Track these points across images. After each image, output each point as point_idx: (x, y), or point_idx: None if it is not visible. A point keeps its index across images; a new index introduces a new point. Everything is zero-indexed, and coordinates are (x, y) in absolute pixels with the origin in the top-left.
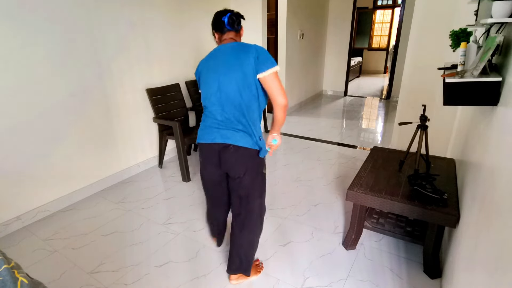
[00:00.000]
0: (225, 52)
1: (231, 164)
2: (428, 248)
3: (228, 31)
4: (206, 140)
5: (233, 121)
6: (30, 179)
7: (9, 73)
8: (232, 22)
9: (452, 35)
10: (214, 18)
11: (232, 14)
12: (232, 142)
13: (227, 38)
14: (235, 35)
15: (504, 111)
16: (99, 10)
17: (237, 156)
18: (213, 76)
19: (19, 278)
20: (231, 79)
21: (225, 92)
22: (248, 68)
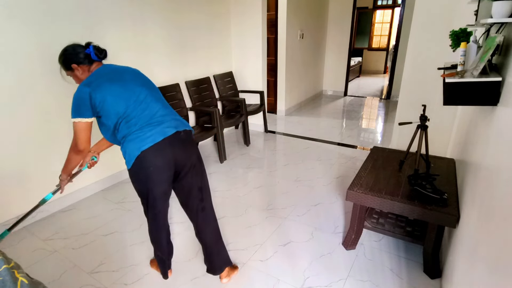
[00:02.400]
0: (115, 68)
1: (187, 153)
2: (428, 248)
3: (95, 61)
4: (150, 142)
5: (168, 110)
6: (30, 179)
7: (8, 73)
8: (99, 52)
9: (452, 35)
10: (70, 52)
11: (95, 45)
12: (181, 128)
13: (97, 65)
14: (100, 63)
15: (504, 111)
16: (99, 10)
17: (189, 141)
18: (124, 82)
19: (19, 278)
20: (143, 82)
21: (148, 87)
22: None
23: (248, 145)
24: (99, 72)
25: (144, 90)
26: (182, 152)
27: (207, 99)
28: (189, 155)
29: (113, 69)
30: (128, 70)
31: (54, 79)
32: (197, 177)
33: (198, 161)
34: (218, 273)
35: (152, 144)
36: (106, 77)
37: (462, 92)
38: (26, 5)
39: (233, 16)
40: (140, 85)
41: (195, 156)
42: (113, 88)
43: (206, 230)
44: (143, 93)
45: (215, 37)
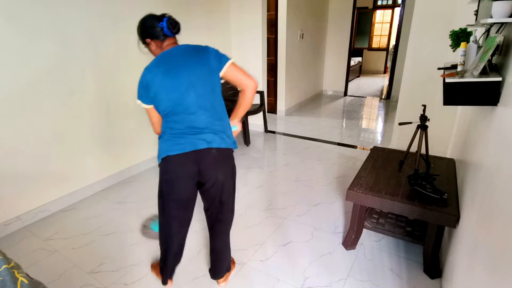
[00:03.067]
0: (181, 53)
1: (213, 170)
2: (428, 248)
3: (167, 37)
4: (178, 150)
5: (210, 122)
6: (30, 179)
7: (8, 73)
8: (172, 26)
9: (452, 35)
10: (144, 25)
11: (169, 18)
12: (215, 145)
13: (170, 43)
14: (175, 40)
15: (504, 111)
16: (99, 9)
17: (220, 159)
18: (176, 78)
19: (19, 278)
20: (202, 79)
21: (198, 92)
22: (210, 66)
23: (248, 145)
24: (165, 56)
25: (194, 93)
26: (209, 168)
27: None
28: (215, 172)
29: (176, 55)
30: (189, 59)
31: (57, 80)
32: (222, 192)
33: (227, 178)
34: (218, 278)
35: (179, 152)
36: (165, 66)
37: (462, 92)
38: (25, 5)
39: (233, 16)
40: (194, 84)
41: (225, 173)
42: (165, 84)
43: (217, 239)
44: (192, 98)
45: (215, 37)
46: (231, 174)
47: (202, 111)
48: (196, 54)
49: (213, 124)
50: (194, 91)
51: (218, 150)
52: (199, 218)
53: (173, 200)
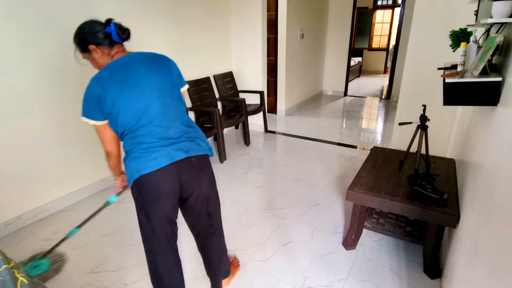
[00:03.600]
0: (138, 61)
1: (197, 181)
2: (428, 248)
3: (116, 43)
4: (154, 166)
5: (183, 130)
6: (30, 179)
7: (8, 73)
8: (122, 32)
9: (452, 35)
10: (86, 31)
11: (117, 23)
12: (194, 152)
13: (119, 51)
14: (124, 46)
15: (504, 111)
16: (100, 10)
17: (200, 167)
18: (138, 89)
19: (19, 278)
20: (168, 86)
21: (166, 101)
22: (173, 77)
23: (248, 145)
24: (116, 64)
25: (160, 102)
26: (191, 179)
27: (207, 99)
28: (198, 182)
29: (132, 63)
30: (150, 67)
31: (57, 80)
32: (208, 204)
33: (210, 188)
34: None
35: (155, 168)
36: (121, 75)
37: (462, 92)
38: (25, 5)
39: (233, 16)
40: (158, 93)
41: (207, 182)
42: (124, 95)
43: (213, 255)
44: (159, 107)
45: (215, 37)
46: (213, 182)
47: (173, 120)
48: (158, 61)
49: (187, 131)
50: (160, 99)
51: (198, 158)
52: None
53: (156, 222)
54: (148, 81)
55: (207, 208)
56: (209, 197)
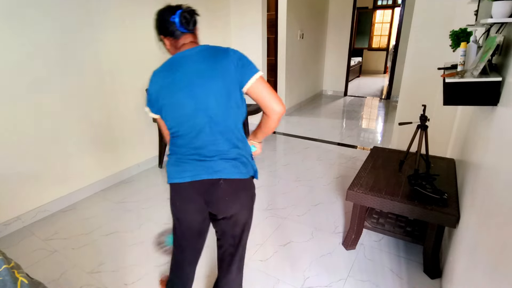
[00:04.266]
0: (194, 60)
1: (223, 203)
2: (428, 248)
3: (183, 34)
4: (183, 178)
5: (222, 149)
6: (30, 179)
7: (8, 73)
8: (186, 21)
9: (452, 35)
10: (157, 18)
11: (183, 11)
12: (224, 175)
13: (186, 42)
14: (193, 37)
15: (504, 111)
16: (100, 10)
17: (230, 192)
18: (184, 93)
19: (19, 278)
20: (217, 95)
21: (211, 113)
22: (230, 77)
23: None
24: (173, 61)
25: (205, 113)
26: (218, 201)
27: None
28: (226, 206)
29: (188, 62)
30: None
31: (57, 80)
32: (234, 226)
33: (241, 211)
34: None
35: (181, 181)
36: (175, 76)
37: (462, 92)
38: (25, 5)
39: (233, 16)
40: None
41: (240, 206)
42: (171, 99)
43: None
44: (202, 119)
45: (215, 37)
46: (246, 206)
47: (214, 136)
48: (214, 60)
49: (226, 151)
50: (205, 111)
51: (228, 182)
52: None
53: (181, 230)
54: (197, 87)
55: (233, 230)
56: (237, 221)
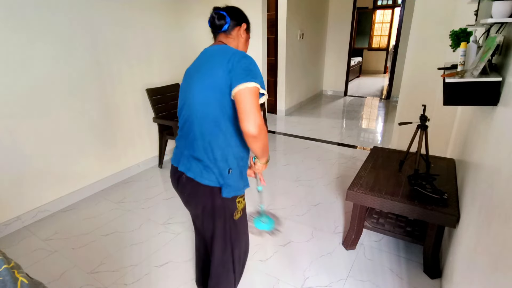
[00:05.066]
0: (202, 56)
1: (186, 199)
2: (428, 248)
3: (216, 33)
4: (173, 160)
5: (193, 144)
6: (30, 179)
7: (9, 73)
8: (212, 23)
9: (452, 35)
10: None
11: (215, 12)
12: (185, 171)
13: (215, 42)
14: (225, 37)
15: (504, 111)
16: (100, 10)
17: (191, 190)
18: (184, 84)
19: (19, 278)
20: (197, 90)
21: (191, 105)
22: (217, 78)
23: None
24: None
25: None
26: (179, 192)
27: None
28: (189, 202)
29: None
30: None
31: (57, 80)
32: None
33: (203, 217)
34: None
35: (172, 162)
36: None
37: (462, 92)
38: (26, 6)
39: None
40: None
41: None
42: (182, 83)
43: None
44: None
45: None
46: (207, 214)
47: (193, 131)
48: (210, 59)
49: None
50: (189, 106)
51: (188, 180)
52: None
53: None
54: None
55: (201, 232)
56: (202, 224)
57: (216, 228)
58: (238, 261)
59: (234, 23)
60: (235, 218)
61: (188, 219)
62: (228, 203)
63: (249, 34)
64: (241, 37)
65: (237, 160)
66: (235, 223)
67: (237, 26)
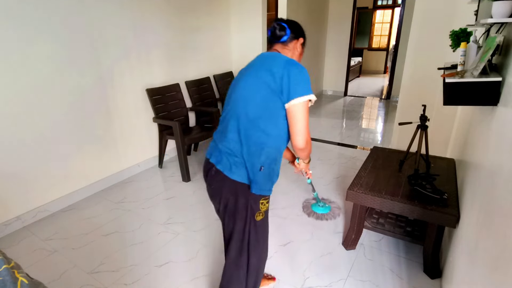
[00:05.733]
0: (258, 58)
1: (212, 192)
2: (428, 248)
3: (273, 42)
4: (207, 154)
5: (229, 138)
6: (30, 179)
7: (9, 73)
8: (271, 32)
9: (452, 35)
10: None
11: (277, 23)
12: (215, 163)
13: (272, 49)
14: (282, 47)
15: (504, 111)
16: (100, 10)
17: (217, 183)
18: (235, 82)
19: (19, 278)
20: (245, 87)
21: (234, 101)
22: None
23: None
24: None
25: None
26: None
27: (207, 99)
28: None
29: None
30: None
31: (57, 80)
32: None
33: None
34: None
35: (206, 154)
36: (246, 66)
37: (462, 92)
38: (26, 6)
39: (233, 16)
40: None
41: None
42: (233, 82)
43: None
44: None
45: (215, 37)
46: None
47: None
48: (265, 61)
49: (230, 143)
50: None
51: (217, 172)
52: (197, 217)
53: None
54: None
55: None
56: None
57: (235, 228)
58: (254, 268)
59: (293, 35)
60: (256, 219)
61: (188, 219)
62: (251, 202)
63: (303, 49)
64: (296, 50)
65: (270, 160)
66: (255, 226)
67: (295, 39)
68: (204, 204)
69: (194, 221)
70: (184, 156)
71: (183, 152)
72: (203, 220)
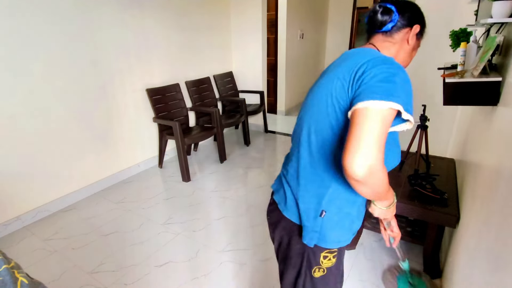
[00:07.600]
0: (339, 59)
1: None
2: (428, 248)
3: (372, 33)
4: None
5: (289, 163)
6: (30, 179)
7: (8, 73)
8: (372, 16)
9: (452, 35)
10: None
11: (380, 4)
12: (274, 190)
13: (366, 44)
14: (383, 39)
15: (504, 111)
16: (100, 10)
17: (273, 216)
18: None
19: (19, 278)
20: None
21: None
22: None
23: (248, 145)
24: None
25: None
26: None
27: (207, 99)
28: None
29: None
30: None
31: (57, 80)
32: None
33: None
34: None
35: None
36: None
37: (462, 92)
38: (27, 6)
39: (233, 16)
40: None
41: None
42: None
43: None
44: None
45: (215, 37)
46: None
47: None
48: (342, 63)
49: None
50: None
51: (274, 205)
52: (197, 217)
53: None
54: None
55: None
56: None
57: (286, 276)
58: None
59: (403, 23)
60: (314, 275)
61: (188, 219)
62: (309, 251)
63: (420, 41)
64: (406, 43)
65: (342, 202)
66: (312, 283)
67: (407, 27)
68: (204, 204)
69: (194, 221)
70: (184, 156)
71: (183, 152)
72: (203, 220)
